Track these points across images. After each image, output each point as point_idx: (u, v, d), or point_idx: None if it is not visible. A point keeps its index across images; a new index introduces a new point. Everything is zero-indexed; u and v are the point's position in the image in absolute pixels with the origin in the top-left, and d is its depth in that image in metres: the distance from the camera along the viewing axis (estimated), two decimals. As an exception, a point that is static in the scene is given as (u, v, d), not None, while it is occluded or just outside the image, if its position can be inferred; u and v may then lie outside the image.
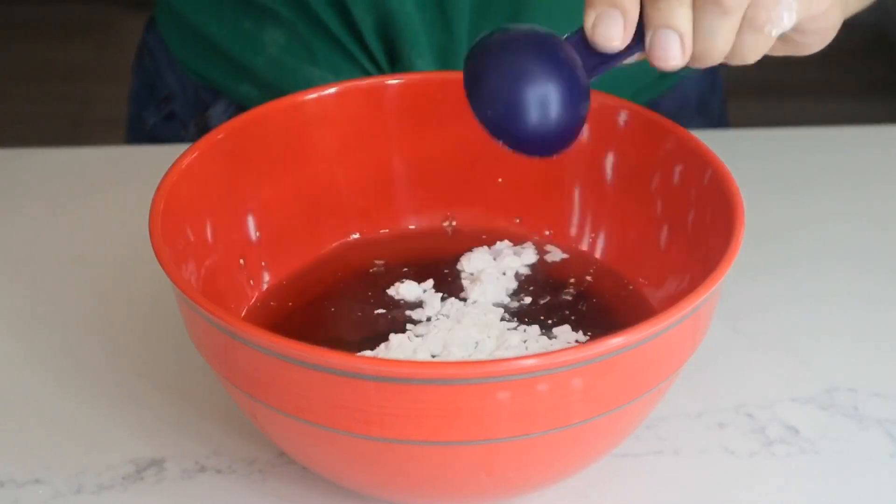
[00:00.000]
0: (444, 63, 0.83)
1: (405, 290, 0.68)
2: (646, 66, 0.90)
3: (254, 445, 0.65)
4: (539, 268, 0.70)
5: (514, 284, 0.69)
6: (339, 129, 0.71)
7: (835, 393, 0.69)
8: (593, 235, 0.71)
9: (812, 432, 0.66)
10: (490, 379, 0.53)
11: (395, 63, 0.83)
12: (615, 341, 0.54)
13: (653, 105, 0.90)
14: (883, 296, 0.76)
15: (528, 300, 0.67)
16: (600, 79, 0.84)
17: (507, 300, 0.67)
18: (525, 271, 0.69)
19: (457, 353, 0.62)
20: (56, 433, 0.66)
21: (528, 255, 0.70)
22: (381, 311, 0.67)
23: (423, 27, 0.81)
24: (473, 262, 0.69)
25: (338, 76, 0.84)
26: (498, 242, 0.71)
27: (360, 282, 0.69)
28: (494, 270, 0.69)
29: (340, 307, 0.68)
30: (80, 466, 0.64)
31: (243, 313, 0.67)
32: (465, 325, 0.64)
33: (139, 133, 0.96)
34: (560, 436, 0.55)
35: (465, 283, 0.68)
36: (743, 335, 0.72)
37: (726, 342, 0.72)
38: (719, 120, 0.97)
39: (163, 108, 0.94)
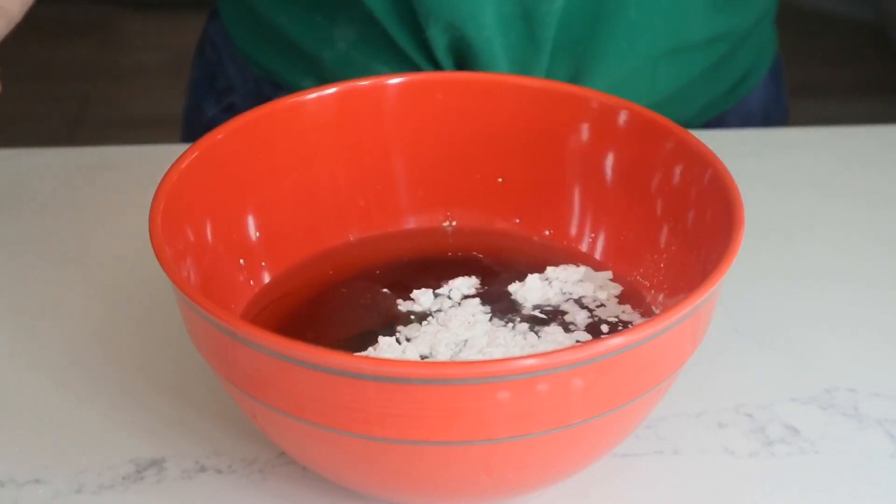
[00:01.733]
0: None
1: (457, 284, 0.68)
2: (716, 82, 0.91)
3: (254, 445, 0.65)
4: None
5: (556, 300, 0.68)
6: (339, 129, 0.71)
7: (835, 393, 0.69)
8: (593, 235, 0.71)
9: (812, 432, 0.66)
10: (490, 379, 0.53)
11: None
12: (615, 341, 0.54)
13: (720, 119, 0.90)
14: (883, 296, 0.76)
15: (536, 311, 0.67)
16: (668, 94, 0.84)
17: (529, 307, 0.67)
18: (587, 302, 0.68)
19: (444, 353, 0.62)
20: (56, 433, 0.66)
21: (601, 293, 0.68)
22: (380, 310, 0.67)
23: (505, 47, 0.81)
24: (561, 273, 0.69)
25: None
26: (603, 272, 0.69)
27: (360, 282, 0.69)
28: (558, 285, 0.68)
29: (340, 307, 0.68)
30: (80, 466, 0.64)
31: (242, 313, 0.67)
32: (453, 327, 0.64)
33: (197, 125, 0.96)
34: (560, 436, 0.55)
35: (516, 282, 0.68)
36: (743, 335, 0.72)
37: (726, 342, 0.72)
38: None
39: (222, 100, 0.94)
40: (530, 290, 0.67)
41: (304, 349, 0.53)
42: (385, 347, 0.62)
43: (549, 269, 0.69)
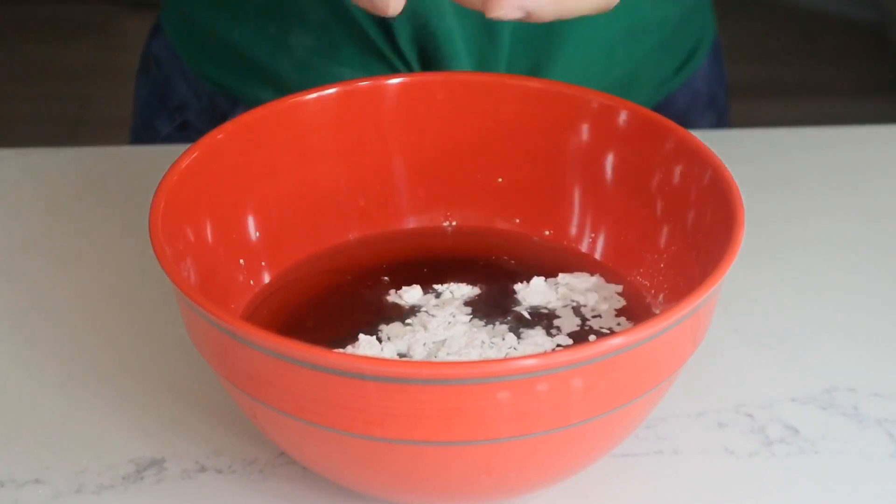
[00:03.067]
0: (481, 69, 0.82)
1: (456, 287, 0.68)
2: (664, 61, 0.91)
3: (254, 445, 0.65)
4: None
5: (556, 305, 0.67)
6: (339, 129, 0.71)
7: (835, 393, 0.69)
8: (593, 235, 0.71)
9: (812, 432, 0.66)
10: (490, 379, 0.53)
11: (429, 68, 0.83)
12: (615, 341, 0.54)
13: (669, 100, 0.90)
14: (883, 296, 0.76)
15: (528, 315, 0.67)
16: (622, 76, 0.84)
17: (522, 309, 0.67)
18: (585, 311, 0.67)
19: (420, 352, 0.62)
20: (56, 433, 0.66)
21: (603, 304, 0.67)
22: (378, 309, 0.67)
23: (464, 37, 0.81)
24: (571, 279, 0.68)
25: (369, 75, 0.83)
26: (614, 285, 0.68)
27: (360, 282, 0.69)
28: (562, 290, 0.68)
29: (340, 307, 0.68)
30: (80, 466, 0.64)
31: (242, 313, 0.67)
32: (431, 327, 0.64)
33: (149, 142, 0.94)
34: (560, 436, 0.55)
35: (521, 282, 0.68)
36: (743, 335, 0.72)
37: (726, 342, 0.72)
38: (724, 113, 0.98)
39: (176, 118, 0.92)
40: (531, 293, 0.67)
41: (304, 349, 0.53)
42: (364, 345, 0.63)
43: (561, 276, 0.69)
